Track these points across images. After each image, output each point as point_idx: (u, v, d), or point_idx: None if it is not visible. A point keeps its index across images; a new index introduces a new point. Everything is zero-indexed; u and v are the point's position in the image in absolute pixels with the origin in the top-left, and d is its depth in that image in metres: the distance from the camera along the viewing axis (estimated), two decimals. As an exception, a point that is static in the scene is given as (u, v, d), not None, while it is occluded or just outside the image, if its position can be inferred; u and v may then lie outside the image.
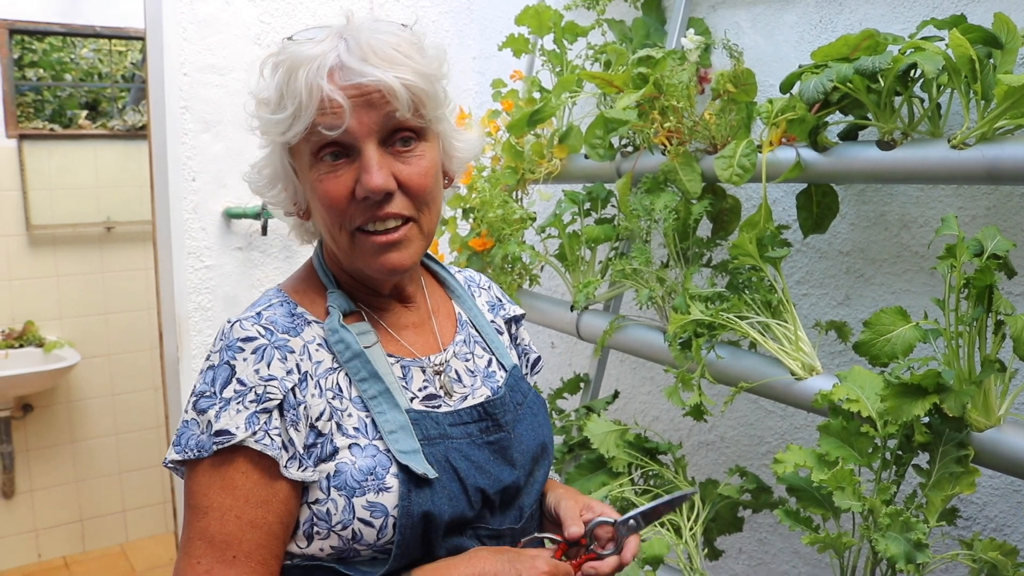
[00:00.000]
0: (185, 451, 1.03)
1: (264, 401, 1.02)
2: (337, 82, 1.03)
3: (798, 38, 1.94)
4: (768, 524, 2.14)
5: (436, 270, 1.34)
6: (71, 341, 3.99)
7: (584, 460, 1.81)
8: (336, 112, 1.03)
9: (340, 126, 1.03)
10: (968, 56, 1.36)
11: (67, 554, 4.14)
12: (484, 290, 1.40)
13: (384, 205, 1.07)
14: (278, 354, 1.06)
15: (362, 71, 1.03)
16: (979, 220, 1.64)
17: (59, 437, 4.06)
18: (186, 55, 2.47)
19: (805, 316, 1.95)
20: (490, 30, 2.83)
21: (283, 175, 1.14)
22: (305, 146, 1.07)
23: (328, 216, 1.09)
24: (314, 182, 1.08)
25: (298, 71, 1.04)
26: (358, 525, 1.03)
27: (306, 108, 1.03)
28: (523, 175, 2.17)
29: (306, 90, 1.03)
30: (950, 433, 1.32)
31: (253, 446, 1.00)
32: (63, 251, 3.97)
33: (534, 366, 1.44)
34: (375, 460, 1.06)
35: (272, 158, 1.14)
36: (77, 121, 3.98)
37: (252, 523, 1.01)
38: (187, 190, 2.51)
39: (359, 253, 1.10)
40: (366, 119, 1.05)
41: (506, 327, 1.38)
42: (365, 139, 1.05)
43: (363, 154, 1.06)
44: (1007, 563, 1.25)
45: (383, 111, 1.05)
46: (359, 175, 1.06)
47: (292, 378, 1.05)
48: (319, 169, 1.07)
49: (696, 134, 1.79)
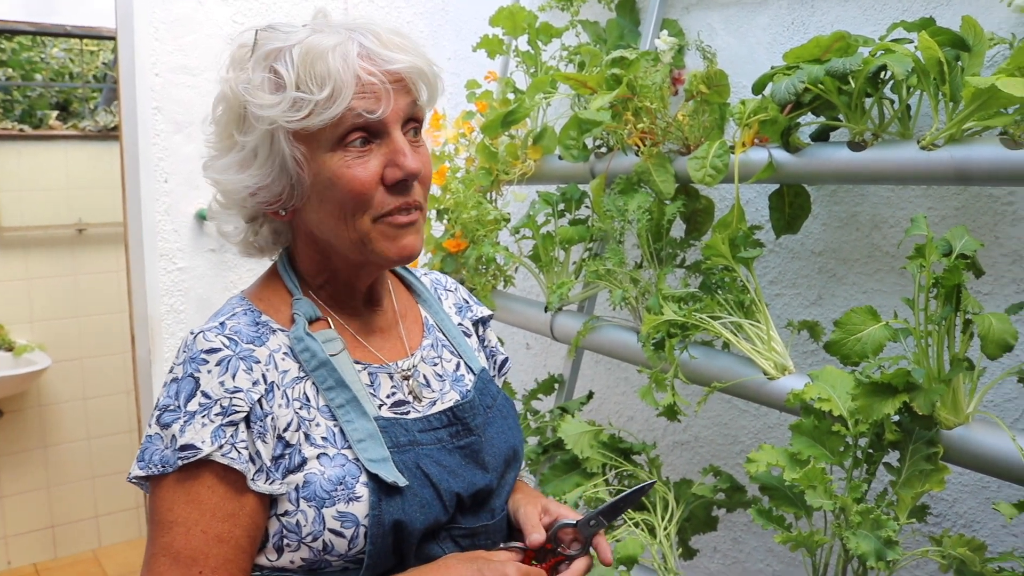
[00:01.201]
0: (149, 466, 1.00)
1: (230, 414, 1.01)
2: (371, 67, 1.03)
3: (771, 40, 1.96)
4: (742, 523, 2.15)
5: (402, 274, 1.33)
6: (42, 345, 3.94)
7: (558, 461, 1.81)
8: (376, 95, 1.03)
9: (379, 110, 1.03)
10: (937, 58, 1.38)
11: (38, 561, 4.08)
12: (451, 292, 1.39)
13: (412, 191, 1.08)
14: (243, 365, 1.04)
15: (389, 57, 1.04)
16: (948, 220, 1.66)
17: (30, 442, 4.01)
18: (158, 55, 2.45)
19: (778, 316, 1.97)
20: (465, 31, 2.83)
21: (277, 167, 1.07)
22: (328, 131, 1.04)
23: (354, 203, 1.06)
24: (338, 168, 1.05)
25: (326, 55, 1.02)
26: (329, 536, 1.02)
27: (344, 91, 1.01)
28: (497, 176, 2.17)
29: (343, 73, 1.01)
30: (920, 431, 1.33)
31: (220, 460, 0.99)
32: (34, 253, 3.92)
33: (501, 367, 1.43)
34: (344, 469, 1.04)
35: (261, 150, 1.07)
36: (48, 122, 3.93)
37: (218, 537, 0.99)
38: (159, 191, 2.49)
39: (376, 240, 1.08)
40: (396, 104, 1.05)
41: (473, 329, 1.38)
42: (394, 124, 1.06)
43: (393, 139, 1.06)
44: (975, 559, 1.26)
45: (409, 97, 1.07)
46: (389, 160, 1.06)
47: (258, 389, 1.03)
48: (343, 154, 1.05)
49: (669, 135, 1.80)
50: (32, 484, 4.03)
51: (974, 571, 1.27)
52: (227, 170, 1.10)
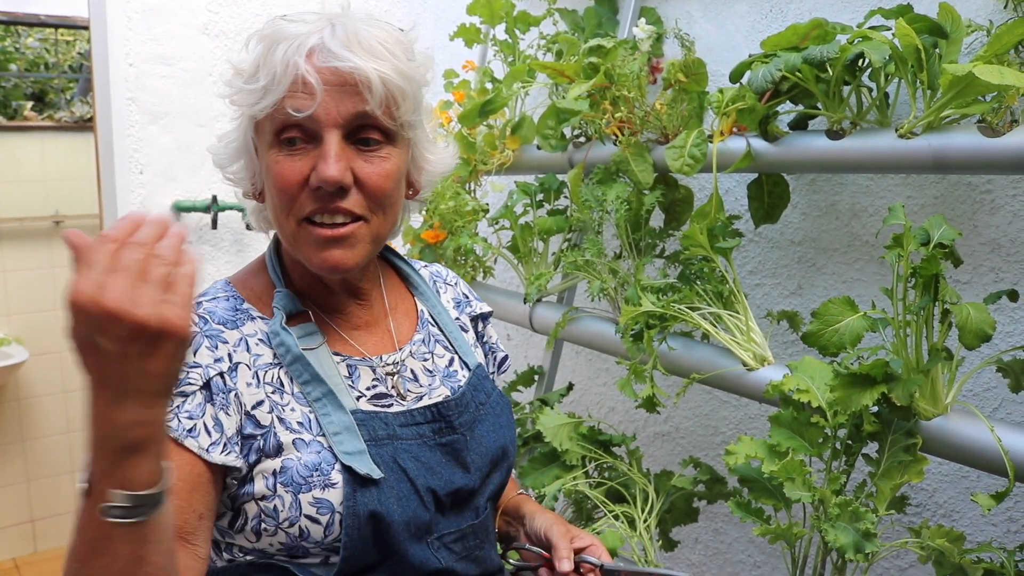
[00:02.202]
0: None
1: (183, 385, 1.01)
2: (314, 63, 1.01)
3: (749, 27, 1.94)
4: (723, 514, 2.15)
5: (399, 265, 1.31)
6: (19, 338, 3.91)
7: (538, 454, 1.80)
8: (307, 94, 1.01)
9: (308, 109, 1.01)
10: (914, 46, 1.37)
11: (17, 555, 4.05)
12: (451, 286, 1.38)
13: (336, 199, 1.04)
14: (207, 342, 1.05)
15: (341, 55, 1.01)
16: (927, 209, 1.65)
17: (8, 436, 3.98)
18: (132, 45, 2.42)
19: (758, 306, 1.96)
20: (443, 20, 2.80)
21: (245, 151, 1.12)
22: (269, 124, 1.05)
23: (278, 200, 1.06)
24: (270, 162, 1.05)
25: (278, 46, 1.02)
26: (305, 522, 1.02)
27: (278, 83, 1.01)
28: (475, 166, 2.15)
29: (281, 65, 1.01)
30: (898, 422, 1.33)
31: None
32: (10, 246, 3.87)
33: (500, 365, 1.42)
34: (320, 456, 1.04)
35: (239, 132, 1.11)
36: (23, 112, 3.88)
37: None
38: (135, 183, 2.46)
39: (302, 244, 1.07)
40: (335, 108, 1.02)
41: (472, 324, 1.36)
42: (330, 128, 1.03)
43: (324, 143, 1.03)
44: (954, 550, 1.26)
45: (354, 103, 1.03)
46: (316, 163, 1.03)
47: (219, 365, 1.04)
48: (277, 150, 1.05)
49: (647, 124, 1.78)
50: (11, 478, 4.00)
51: (952, 562, 1.26)
52: (221, 147, 1.15)
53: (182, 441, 0.99)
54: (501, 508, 1.37)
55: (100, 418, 0.78)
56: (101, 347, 0.76)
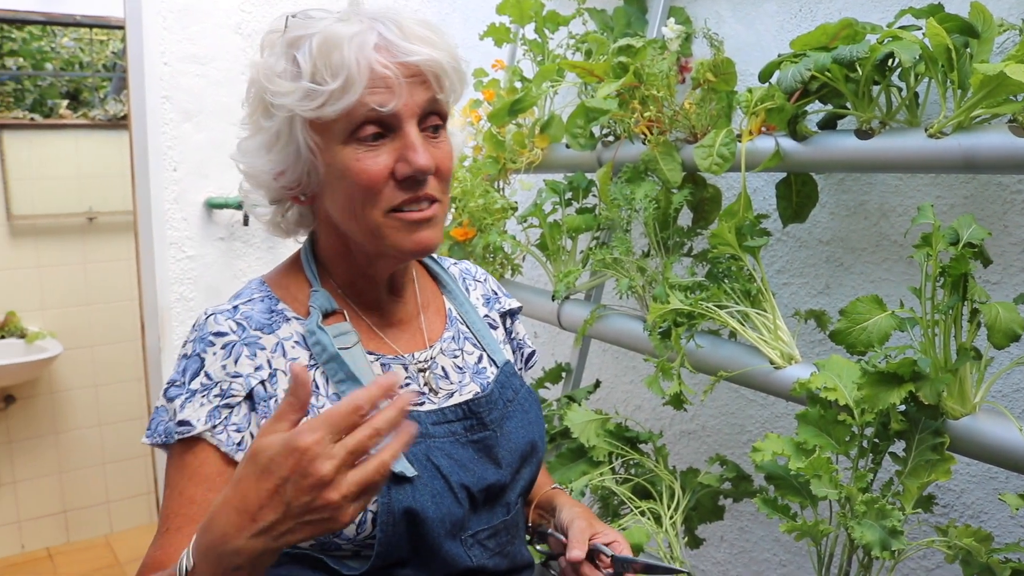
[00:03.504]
0: (154, 436, 1.06)
1: (227, 396, 1.05)
2: (386, 59, 1.02)
3: (778, 27, 1.95)
4: (749, 512, 2.15)
5: (428, 264, 1.33)
6: (53, 332, 3.97)
7: (565, 449, 1.82)
8: (387, 88, 1.02)
9: (391, 103, 1.03)
10: (945, 45, 1.37)
11: (51, 545, 4.12)
12: (480, 283, 1.39)
13: (424, 186, 1.07)
14: (247, 351, 1.07)
15: (407, 48, 1.03)
16: (956, 209, 1.65)
17: (42, 428, 4.04)
18: (166, 44, 2.45)
19: (785, 305, 1.96)
20: (472, 19, 2.82)
21: (294, 154, 1.09)
22: (340, 123, 1.04)
23: (363, 196, 1.06)
24: (348, 160, 1.05)
25: (341, 45, 1.01)
26: None
27: (356, 82, 1.01)
28: (504, 164, 2.17)
29: (356, 64, 1.01)
30: (926, 421, 1.33)
31: (210, 440, 1.03)
32: (45, 242, 3.94)
33: (528, 360, 1.43)
34: None
35: (282, 136, 1.08)
36: (58, 111, 3.94)
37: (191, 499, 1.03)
38: (168, 180, 2.50)
39: (389, 233, 1.08)
40: (411, 99, 1.04)
41: (501, 321, 1.37)
42: (408, 119, 1.05)
43: (406, 133, 1.05)
44: (981, 549, 1.25)
45: (424, 92, 1.06)
46: (400, 155, 1.05)
47: (260, 374, 1.06)
48: (355, 147, 1.05)
49: (676, 123, 1.79)
50: (44, 470, 4.07)
51: (980, 561, 1.26)
52: (252, 152, 1.11)
53: (233, 456, 1.03)
54: (535, 501, 1.39)
55: (231, 537, 0.83)
56: (279, 487, 0.81)
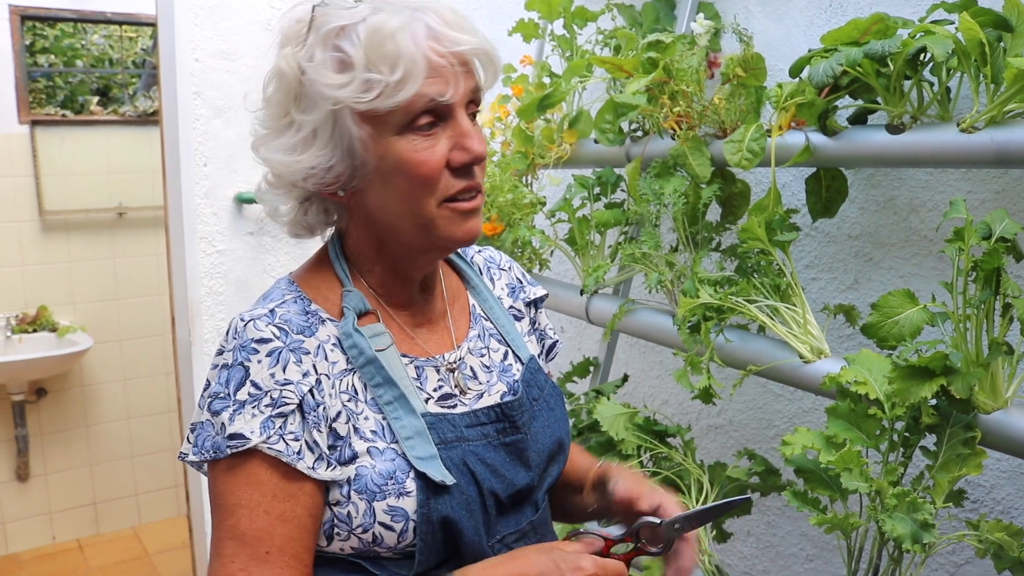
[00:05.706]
0: (202, 452, 1.02)
1: (280, 405, 1.01)
2: (438, 48, 1.02)
3: (808, 22, 1.94)
4: (776, 507, 2.15)
5: (452, 258, 1.30)
6: (84, 326, 4.02)
7: (593, 443, 1.83)
8: (442, 77, 1.02)
9: (448, 92, 1.02)
10: (978, 40, 1.36)
11: (81, 536, 4.19)
12: (504, 271, 1.36)
13: (474, 174, 1.07)
14: (293, 357, 1.03)
15: (456, 38, 1.02)
16: (988, 204, 1.64)
17: (72, 421, 4.10)
18: (197, 41, 2.48)
19: (814, 300, 1.96)
20: (500, 15, 2.82)
21: (340, 147, 1.05)
22: (396, 114, 1.02)
23: (421, 187, 1.04)
24: (405, 152, 1.03)
25: (395, 35, 0.99)
26: (379, 529, 1.03)
27: (415, 73, 0.99)
28: (533, 160, 2.18)
29: (416, 55, 0.99)
30: (957, 415, 1.33)
31: (266, 451, 0.99)
32: (76, 236, 4.00)
33: (550, 351, 1.40)
34: (394, 464, 1.04)
35: (324, 130, 1.04)
36: (88, 107, 3.99)
37: (281, 517, 1.00)
38: (199, 175, 2.53)
39: (444, 224, 1.07)
40: (462, 87, 1.04)
41: (526, 310, 1.35)
42: (459, 107, 1.05)
43: (459, 122, 1.05)
44: (1013, 544, 1.25)
45: (469, 80, 1.06)
46: (455, 143, 1.05)
47: (308, 380, 1.03)
48: (411, 137, 1.03)
49: (705, 118, 1.79)
50: (75, 462, 4.13)
51: (1012, 556, 1.26)
52: (282, 150, 1.07)
53: (294, 465, 1.00)
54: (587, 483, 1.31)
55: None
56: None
